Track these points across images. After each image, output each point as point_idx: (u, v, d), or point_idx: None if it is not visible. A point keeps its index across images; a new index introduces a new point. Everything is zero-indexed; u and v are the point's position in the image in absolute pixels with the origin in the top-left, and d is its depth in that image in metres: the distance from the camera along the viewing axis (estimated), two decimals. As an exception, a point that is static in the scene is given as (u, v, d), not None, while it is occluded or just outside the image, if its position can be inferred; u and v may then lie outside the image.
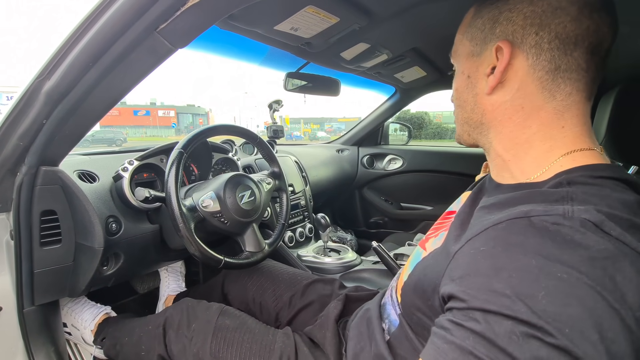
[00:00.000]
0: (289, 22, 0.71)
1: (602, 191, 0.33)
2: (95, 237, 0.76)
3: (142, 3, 0.46)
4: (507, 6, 0.39)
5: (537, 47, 0.38)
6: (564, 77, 0.38)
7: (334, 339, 0.63)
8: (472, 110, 0.45)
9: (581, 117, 0.39)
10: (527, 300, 0.27)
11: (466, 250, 0.34)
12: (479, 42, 0.42)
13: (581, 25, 0.36)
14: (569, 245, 0.28)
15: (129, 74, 0.56)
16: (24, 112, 0.58)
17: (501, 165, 0.44)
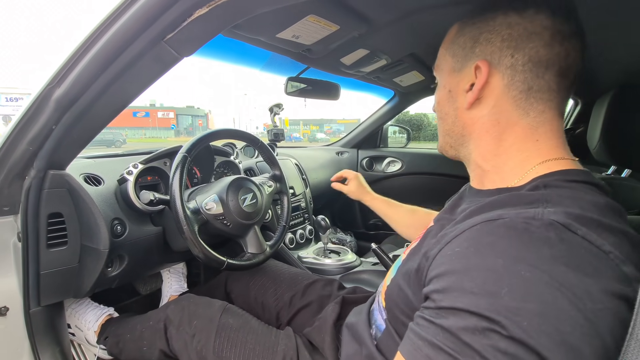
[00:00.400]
0: (290, 30, 0.73)
1: (575, 194, 0.36)
2: (100, 239, 0.78)
3: (151, 14, 0.48)
4: (487, 27, 0.42)
5: (512, 69, 0.41)
6: (536, 97, 0.41)
7: (332, 343, 0.65)
8: (453, 123, 0.47)
9: (554, 132, 0.42)
10: (490, 298, 0.29)
11: (443, 252, 0.36)
12: (460, 59, 0.45)
13: (552, 51, 0.39)
14: (535, 245, 0.30)
15: (136, 81, 0.58)
16: (34, 118, 0.59)
17: (481, 175, 0.46)
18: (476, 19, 0.44)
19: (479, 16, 0.43)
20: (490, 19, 0.42)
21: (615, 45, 0.92)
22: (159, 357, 0.80)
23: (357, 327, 0.60)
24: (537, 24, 0.39)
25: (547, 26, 0.39)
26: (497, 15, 0.41)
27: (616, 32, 0.82)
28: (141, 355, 0.84)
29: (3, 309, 0.77)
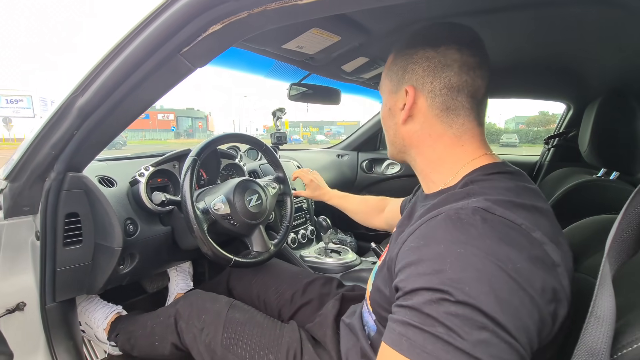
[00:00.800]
0: (295, 41, 0.77)
1: (492, 183, 0.45)
2: (114, 238, 0.82)
3: (170, 30, 0.53)
4: (412, 59, 0.52)
5: (432, 92, 0.50)
6: (455, 113, 0.50)
7: (334, 337, 0.69)
8: (394, 135, 0.57)
9: (475, 137, 0.51)
10: (438, 274, 0.36)
11: (402, 249, 0.44)
12: (395, 83, 0.54)
13: (461, 79, 0.49)
14: (465, 228, 0.39)
15: (153, 90, 0.63)
16: (57, 124, 0.64)
17: (425, 178, 0.56)
18: (404, 52, 0.53)
19: (405, 49, 0.53)
20: (414, 52, 0.51)
21: (604, 53, 0.97)
22: (170, 351, 0.84)
23: (353, 326, 0.65)
24: (449, 58, 0.49)
25: (456, 59, 0.49)
26: (418, 50, 0.51)
27: (605, 41, 0.86)
28: (154, 350, 0.88)
29: (21, 304, 0.81)
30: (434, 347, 0.34)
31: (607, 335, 0.29)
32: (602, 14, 0.70)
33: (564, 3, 0.69)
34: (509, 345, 0.33)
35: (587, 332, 0.30)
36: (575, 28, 0.82)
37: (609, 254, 0.31)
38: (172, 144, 31.28)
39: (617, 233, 0.31)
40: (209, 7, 0.50)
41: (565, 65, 1.13)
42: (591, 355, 0.30)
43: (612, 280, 0.31)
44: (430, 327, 0.35)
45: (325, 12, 0.46)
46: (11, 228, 0.78)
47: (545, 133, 1.68)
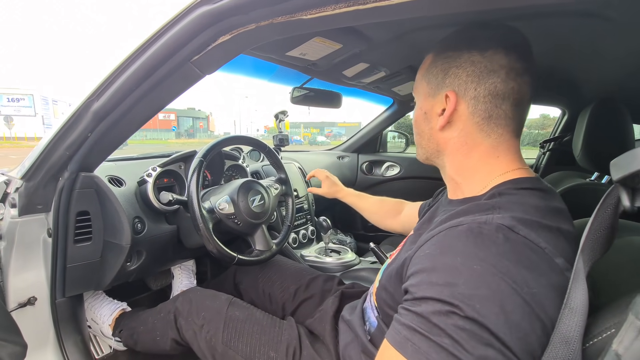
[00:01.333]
0: (298, 49, 0.81)
1: (521, 199, 0.44)
2: (123, 236, 0.85)
3: (182, 40, 0.56)
4: (455, 63, 0.49)
5: (475, 99, 0.48)
6: (496, 123, 0.48)
7: (332, 332, 0.71)
8: (428, 140, 0.55)
9: (512, 149, 0.50)
10: (451, 287, 0.36)
11: (417, 254, 0.44)
12: (434, 86, 0.52)
13: (508, 86, 0.47)
14: (485, 244, 0.38)
15: (164, 96, 0.66)
16: (73, 126, 0.67)
17: (454, 187, 0.55)
18: (446, 54, 0.51)
19: (448, 51, 0.51)
20: (458, 55, 0.49)
21: (595, 62, 1.00)
22: (171, 346, 0.87)
23: (352, 323, 0.67)
24: (495, 63, 0.47)
25: (504, 65, 0.47)
26: (463, 53, 0.49)
27: (596, 51, 0.90)
28: (155, 345, 0.91)
29: (32, 298, 0.85)
30: (439, 356, 0.34)
31: (580, 325, 0.33)
32: (591, 26, 0.74)
33: (555, 15, 0.72)
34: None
35: (562, 322, 0.33)
36: (567, 38, 0.85)
37: (582, 251, 0.35)
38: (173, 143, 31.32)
39: (589, 233, 0.35)
40: (220, 19, 0.53)
41: (559, 72, 1.17)
42: (565, 343, 0.33)
43: (585, 276, 0.34)
44: (437, 337, 0.35)
45: (328, 26, 0.50)
46: (25, 225, 0.81)
47: (546, 136, 1.71)
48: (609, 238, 0.35)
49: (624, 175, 0.29)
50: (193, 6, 0.53)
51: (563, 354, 0.33)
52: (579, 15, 0.70)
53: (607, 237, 0.35)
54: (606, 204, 0.34)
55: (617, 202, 0.33)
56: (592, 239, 0.35)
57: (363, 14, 0.45)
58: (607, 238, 0.35)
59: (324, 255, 1.34)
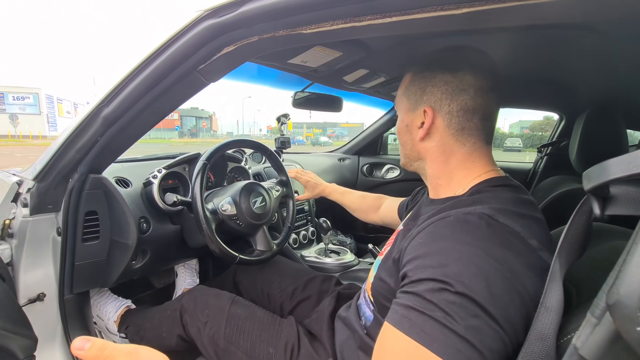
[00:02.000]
0: (300, 57, 0.84)
1: (496, 194, 0.51)
2: (129, 235, 0.89)
3: (188, 51, 0.59)
4: (431, 82, 0.56)
5: (449, 114, 0.55)
6: (469, 133, 0.56)
7: (329, 331, 0.74)
8: (410, 149, 0.62)
9: (484, 154, 0.57)
10: (443, 268, 0.42)
11: (412, 244, 0.49)
12: (413, 102, 0.59)
13: (476, 102, 0.54)
14: (470, 230, 0.44)
15: (170, 102, 0.69)
16: (84, 131, 0.71)
17: (436, 188, 0.61)
18: (423, 74, 0.58)
19: (424, 72, 0.58)
20: (433, 76, 0.56)
21: (591, 71, 1.03)
22: (177, 342, 0.90)
23: (349, 319, 0.70)
24: (465, 82, 0.54)
25: (472, 84, 0.54)
26: (437, 74, 0.56)
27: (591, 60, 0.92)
28: (161, 341, 0.94)
29: (41, 294, 0.88)
30: (432, 327, 0.39)
31: (554, 323, 0.35)
32: (588, 38, 0.76)
33: (552, 27, 0.75)
34: (496, 333, 0.38)
35: (538, 320, 0.36)
36: (564, 48, 0.88)
37: (559, 255, 0.37)
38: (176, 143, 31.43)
39: (565, 238, 0.37)
40: (224, 32, 0.56)
41: (556, 79, 1.19)
42: (540, 339, 0.36)
43: (562, 277, 0.37)
44: (430, 312, 0.40)
45: (326, 39, 0.52)
46: (36, 224, 0.85)
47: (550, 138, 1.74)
48: (583, 243, 0.37)
49: (594, 185, 0.31)
50: (199, 19, 0.57)
51: (539, 349, 0.35)
52: (575, 28, 0.72)
53: (581, 242, 0.37)
54: (581, 211, 0.37)
55: (591, 210, 0.36)
56: (568, 244, 0.37)
57: (359, 30, 0.47)
58: (582, 243, 0.37)
59: (323, 256, 1.37)
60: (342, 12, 0.45)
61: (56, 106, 32.78)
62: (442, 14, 0.39)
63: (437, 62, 0.57)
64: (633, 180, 0.29)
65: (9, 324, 0.68)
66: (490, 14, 0.38)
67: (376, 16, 0.43)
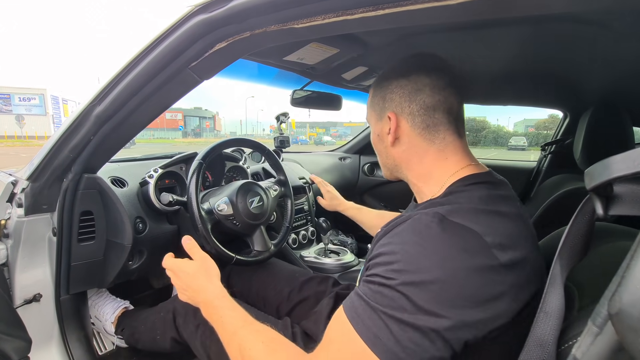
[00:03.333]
0: (295, 54, 0.82)
1: (468, 193, 0.50)
2: (125, 235, 0.88)
3: (180, 47, 0.58)
4: (388, 90, 0.59)
5: (412, 114, 0.56)
6: (435, 129, 0.56)
7: None
8: (386, 157, 0.63)
9: (458, 148, 0.57)
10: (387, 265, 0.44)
11: (378, 243, 0.51)
12: (378, 111, 0.61)
13: (434, 99, 0.55)
14: (419, 229, 0.45)
15: (163, 100, 0.68)
16: (76, 130, 0.70)
17: (418, 192, 0.61)
18: (381, 85, 0.60)
19: (382, 82, 0.60)
20: (389, 84, 0.59)
21: (595, 67, 1.00)
22: (171, 345, 0.89)
23: None
24: (420, 83, 0.55)
25: (427, 83, 0.55)
26: (392, 81, 0.58)
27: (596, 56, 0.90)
28: (156, 345, 0.93)
29: (37, 295, 0.87)
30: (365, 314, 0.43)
31: (554, 329, 0.34)
32: (592, 32, 0.74)
33: (556, 20, 0.73)
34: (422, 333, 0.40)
35: (537, 326, 0.34)
36: (568, 43, 0.86)
37: (559, 257, 0.36)
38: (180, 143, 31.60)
39: (566, 239, 0.35)
40: (215, 27, 0.55)
41: (560, 76, 1.16)
42: (540, 346, 0.34)
43: (563, 281, 0.35)
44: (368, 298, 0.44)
45: (319, 34, 0.51)
46: (30, 224, 0.84)
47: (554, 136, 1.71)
48: (585, 245, 0.36)
49: (596, 184, 0.30)
50: (190, 15, 0.55)
51: (538, 356, 0.34)
52: (579, 22, 0.70)
53: (584, 244, 0.35)
54: (583, 211, 0.35)
55: (593, 210, 0.34)
56: (569, 246, 0.36)
57: (352, 24, 0.46)
58: (584, 245, 0.35)
59: (323, 256, 1.35)
60: (334, 5, 0.44)
61: (61, 107, 33.09)
62: (436, 4, 0.38)
63: (392, 71, 0.60)
64: (638, 179, 0.27)
65: (2, 326, 0.68)
66: (485, 4, 0.36)
67: (368, 9, 0.42)
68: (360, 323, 0.43)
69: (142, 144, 25.68)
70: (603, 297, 0.23)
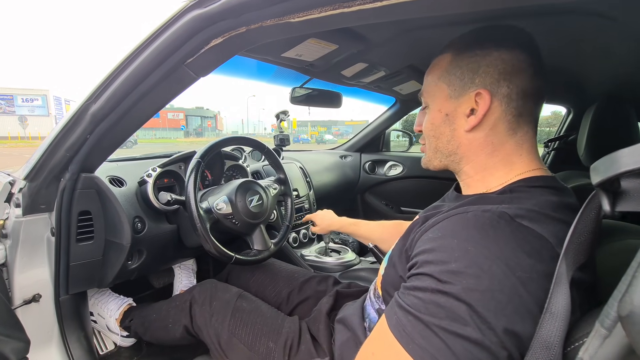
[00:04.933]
0: (294, 50, 0.81)
1: (532, 196, 0.44)
2: (124, 235, 0.87)
3: (175, 44, 0.57)
4: (484, 61, 0.49)
5: (508, 97, 0.48)
6: (524, 120, 0.49)
7: (325, 330, 0.73)
8: (448, 142, 0.54)
9: (533, 146, 0.51)
10: (443, 265, 0.39)
11: (423, 237, 0.46)
12: (458, 87, 0.51)
13: (533, 84, 0.48)
14: (483, 228, 0.40)
15: (159, 98, 0.67)
16: (72, 129, 0.69)
17: (469, 183, 0.54)
18: (473, 52, 0.50)
19: (475, 49, 0.50)
20: (486, 54, 0.49)
21: (600, 60, 0.98)
22: (182, 334, 0.90)
23: (351, 320, 0.67)
24: (523, 62, 0.47)
25: (530, 63, 0.48)
26: (492, 51, 0.48)
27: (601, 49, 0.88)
28: (166, 333, 0.93)
29: (37, 295, 0.87)
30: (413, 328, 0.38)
31: (561, 330, 0.32)
32: (596, 25, 0.73)
33: (559, 13, 0.71)
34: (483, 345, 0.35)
35: (543, 327, 0.33)
36: (571, 37, 0.84)
37: (565, 255, 0.34)
38: (182, 142, 31.67)
39: (572, 237, 0.34)
40: (210, 23, 0.54)
41: (564, 70, 1.15)
42: (546, 348, 0.33)
43: (569, 280, 0.34)
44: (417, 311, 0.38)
45: (316, 28, 0.50)
46: (29, 224, 0.83)
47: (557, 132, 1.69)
48: (592, 242, 0.34)
49: (603, 179, 0.28)
50: (185, 10, 0.54)
51: (543, 358, 0.32)
52: (583, 14, 0.69)
53: (590, 241, 0.34)
54: (589, 208, 0.34)
55: (600, 207, 0.33)
56: (575, 243, 0.34)
57: (349, 17, 0.45)
58: (591, 243, 0.34)
59: (324, 255, 1.34)
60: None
61: (64, 107, 33.23)
62: (436, -5, 0.36)
63: (489, 38, 0.50)
64: (647, 173, 0.26)
65: (0, 327, 0.67)
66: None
67: (366, 0, 0.40)
68: (411, 342, 0.37)
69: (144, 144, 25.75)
70: (611, 298, 0.22)
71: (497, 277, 0.36)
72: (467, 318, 0.35)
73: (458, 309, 0.36)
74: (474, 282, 0.36)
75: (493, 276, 0.36)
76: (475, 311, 0.35)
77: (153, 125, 42.38)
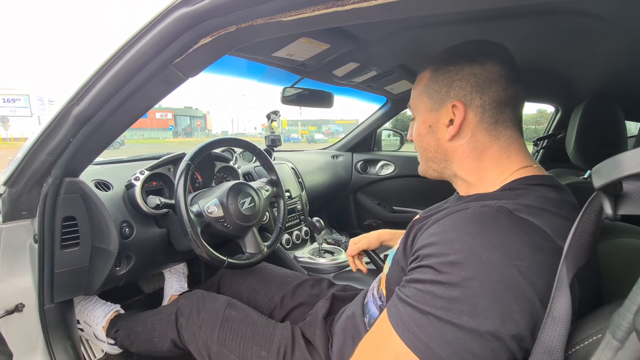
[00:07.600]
0: (285, 50, 0.80)
1: (531, 192, 0.46)
2: (110, 240, 0.84)
3: (162, 42, 0.55)
4: (457, 76, 0.52)
5: (482, 107, 0.51)
6: (503, 126, 0.52)
7: (322, 335, 0.71)
8: (435, 151, 0.57)
9: (521, 147, 0.53)
10: (442, 257, 0.40)
11: (425, 233, 0.47)
12: (437, 100, 0.55)
13: (508, 92, 0.51)
14: (483, 221, 0.41)
15: (146, 99, 0.65)
16: (54, 131, 0.66)
17: (467, 186, 0.56)
18: (446, 68, 0.54)
19: (448, 66, 0.54)
20: (459, 69, 0.52)
21: (588, 59, 1.00)
22: (169, 348, 0.87)
23: (352, 318, 0.67)
24: (495, 73, 0.50)
25: (502, 74, 0.50)
26: (464, 66, 0.52)
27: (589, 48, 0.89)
28: (152, 346, 0.90)
29: (20, 305, 0.83)
30: (410, 319, 0.39)
31: (562, 335, 0.32)
32: (585, 25, 0.73)
33: (548, 13, 0.71)
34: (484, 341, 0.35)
35: (544, 332, 0.33)
36: (562, 35, 0.85)
37: (566, 258, 0.34)
38: (170, 143, 31.20)
39: (573, 239, 0.34)
40: (199, 21, 0.52)
41: (553, 69, 1.16)
42: (548, 353, 0.32)
43: (569, 283, 0.33)
44: (416, 301, 0.39)
45: (308, 27, 0.48)
46: (10, 231, 0.80)
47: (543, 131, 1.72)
48: (592, 244, 0.34)
49: (606, 182, 0.28)
50: (171, 8, 0.52)
51: None
52: (572, 14, 0.69)
53: (590, 243, 0.34)
54: (589, 210, 0.34)
55: (600, 209, 0.33)
56: (576, 245, 0.34)
57: (343, 16, 0.43)
58: (590, 244, 0.34)
59: (317, 256, 1.33)
60: (323, -5, 0.41)
61: (47, 108, 32.38)
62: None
63: (462, 55, 0.53)
64: (650, 176, 0.25)
65: (-21, 341, 0.64)
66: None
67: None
68: (406, 331, 0.38)
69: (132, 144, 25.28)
70: (623, 308, 0.21)
71: (496, 267, 0.37)
72: (463, 307, 0.36)
73: (455, 298, 0.37)
74: (472, 271, 0.37)
75: (492, 266, 0.37)
76: (472, 300, 0.36)
77: (141, 125, 41.67)
